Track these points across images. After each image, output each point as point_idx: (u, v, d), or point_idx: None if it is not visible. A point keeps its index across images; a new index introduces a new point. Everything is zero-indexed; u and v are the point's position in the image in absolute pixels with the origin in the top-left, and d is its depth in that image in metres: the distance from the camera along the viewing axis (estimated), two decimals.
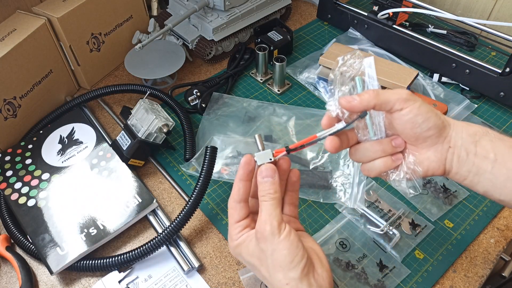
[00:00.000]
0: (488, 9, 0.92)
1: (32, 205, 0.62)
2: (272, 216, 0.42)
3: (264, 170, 0.45)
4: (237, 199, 0.46)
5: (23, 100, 0.72)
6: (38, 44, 0.71)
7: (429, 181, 0.67)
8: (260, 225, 0.42)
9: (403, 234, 0.60)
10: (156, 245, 0.57)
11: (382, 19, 0.86)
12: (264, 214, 0.43)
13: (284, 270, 0.41)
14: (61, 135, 0.72)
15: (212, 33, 0.83)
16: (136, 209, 0.62)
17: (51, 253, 0.57)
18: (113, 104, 0.82)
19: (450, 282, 0.57)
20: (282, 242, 0.41)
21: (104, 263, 0.56)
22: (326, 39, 0.94)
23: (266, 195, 0.44)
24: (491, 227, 0.62)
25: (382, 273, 0.57)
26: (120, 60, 0.88)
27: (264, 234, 0.42)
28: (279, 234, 0.41)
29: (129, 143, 0.67)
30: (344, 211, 0.63)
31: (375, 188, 0.66)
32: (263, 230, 0.42)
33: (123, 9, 0.84)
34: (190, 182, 0.68)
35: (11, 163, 0.67)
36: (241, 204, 0.46)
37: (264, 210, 0.43)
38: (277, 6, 0.92)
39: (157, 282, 0.57)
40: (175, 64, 0.80)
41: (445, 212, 0.63)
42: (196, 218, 0.64)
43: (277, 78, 0.81)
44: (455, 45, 0.90)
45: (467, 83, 0.80)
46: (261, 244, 0.43)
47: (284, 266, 0.41)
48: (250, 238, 0.44)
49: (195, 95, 0.77)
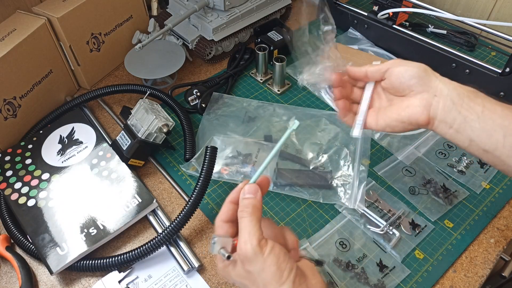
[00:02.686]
0: (488, 9, 0.92)
1: (32, 205, 0.62)
2: (251, 234, 0.41)
3: (246, 189, 0.44)
4: (224, 219, 0.45)
5: (23, 100, 0.72)
6: (38, 44, 0.71)
7: (429, 181, 0.67)
8: (241, 247, 0.41)
9: (403, 234, 0.60)
10: (156, 245, 0.57)
11: (382, 19, 0.86)
12: (243, 233, 0.42)
13: (275, 286, 0.40)
14: (61, 135, 0.72)
15: (212, 33, 0.83)
16: (136, 209, 0.62)
17: (51, 253, 0.57)
18: (113, 104, 0.82)
19: (450, 282, 0.57)
20: (267, 259, 0.40)
21: (104, 263, 0.56)
22: None
23: (244, 211, 0.43)
24: (491, 227, 0.62)
25: (382, 273, 0.57)
26: (120, 60, 0.88)
27: (247, 255, 0.41)
28: (262, 253, 0.40)
29: (129, 143, 0.67)
30: (344, 211, 0.63)
31: (375, 188, 0.66)
32: (245, 251, 0.41)
33: (123, 9, 0.84)
34: (190, 182, 0.68)
35: (11, 163, 0.67)
36: (228, 224, 0.45)
37: (243, 229, 0.42)
38: (277, 6, 0.92)
39: (157, 282, 0.57)
40: (175, 64, 0.80)
41: (445, 212, 0.63)
42: (196, 218, 0.64)
43: (277, 78, 0.81)
44: (455, 45, 0.90)
45: (467, 83, 0.79)
46: (246, 266, 0.42)
47: (274, 282, 0.40)
48: (235, 260, 0.43)
49: (195, 95, 0.77)
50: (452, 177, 0.68)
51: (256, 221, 0.42)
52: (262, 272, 0.41)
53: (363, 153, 0.69)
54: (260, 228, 0.42)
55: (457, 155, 0.71)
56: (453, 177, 0.68)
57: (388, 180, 0.67)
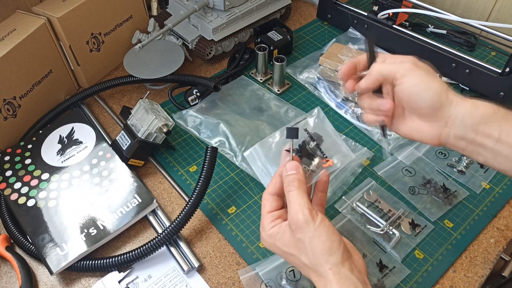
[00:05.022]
0: (488, 9, 0.92)
1: (32, 205, 0.62)
2: (301, 205, 0.43)
3: (288, 166, 0.46)
4: (272, 192, 0.47)
5: (23, 100, 0.72)
6: (38, 44, 0.71)
7: (429, 181, 0.67)
8: (292, 216, 0.43)
9: (403, 234, 0.60)
10: (156, 245, 0.56)
11: (382, 19, 0.86)
12: (293, 204, 0.43)
13: (325, 255, 0.42)
14: (61, 135, 0.72)
15: (212, 33, 0.83)
16: (136, 209, 0.61)
17: (51, 253, 0.57)
18: (113, 104, 0.82)
19: (450, 282, 0.57)
20: (318, 228, 0.42)
21: (104, 263, 0.56)
22: (326, 39, 0.94)
23: (290, 185, 0.44)
24: (491, 227, 0.62)
25: (382, 273, 0.57)
26: (120, 60, 0.88)
27: (298, 223, 0.42)
28: (313, 222, 0.42)
29: (129, 143, 0.67)
30: (344, 211, 0.63)
31: (375, 188, 0.66)
32: (297, 219, 0.42)
33: (123, 9, 0.84)
34: (190, 182, 0.68)
35: (11, 163, 0.67)
36: (275, 197, 0.47)
37: (292, 201, 0.44)
38: (277, 6, 0.92)
39: (157, 282, 0.57)
40: (174, 64, 0.80)
41: (445, 212, 0.63)
42: (196, 218, 0.64)
43: (277, 78, 0.81)
44: (455, 45, 0.90)
45: (467, 83, 0.80)
46: (297, 235, 0.43)
47: (324, 252, 0.42)
48: (284, 229, 0.45)
49: (195, 95, 0.77)
50: (452, 177, 0.68)
51: (304, 193, 0.44)
52: (312, 240, 0.42)
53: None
54: (308, 200, 0.44)
55: (457, 155, 0.71)
56: (453, 177, 0.68)
57: (388, 180, 0.67)
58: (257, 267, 0.57)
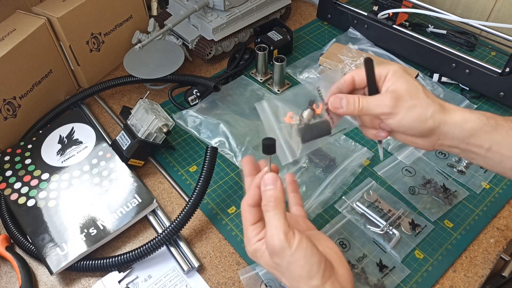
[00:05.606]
0: (488, 9, 0.92)
1: (32, 205, 0.62)
2: (277, 228, 0.41)
3: (266, 179, 0.44)
4: (252, 204, 0.45)
5: (23, 100, 0.72)
6: (38, 44, 0.71)
7: (429, 181, 0.67)
8: (268, 241, 0.41)
9: (403, 234, 0.60)
10: (156, 245, 0.56)
11: (382, 19, 0.86)
12: (269, 227, 0.42)
13: (305, 279, 0.40)
14: (61, 135, 0.72)
15: (212, 33, 0.83)
16: (136, 209, 0.61)
17: (51, 253, 0.57)
18: (113, 104, 0.82)
19: (450, 282, 0.57)
20: (295, 253, 0.40)
21: (104, 263, 0.56)
22: (326, 39, 0.94)
23: (267, 205, 0.43)
24: (491, 227, 0.62)
25: (382, 273, 0.57)
26: (120, 60, 0.88)
27: (274, 249, 0.41)
28: (289, 247, 0.40)
29: (129, 143, 0.67)
30: (344, 211, 0.63)
31: (375, 188, 0.66)
32: (273, 245, 0.41)
33: (123, 9, 0.84)
34: (190, 182, 0.68)
35: (11, 163, 0.67)
36: (256, 208, 0.45)
37: (268, 223, 0.42)
38: (277, 6, 0.92)
39: (157, 282, 0.57)
40: (174, 64, 0.80)
41: (445, 212, 0.63)
42: (196, 218, 0.64)
43: (277, 78, 0.81)
44: (455, 45, 0.90)
45: (467, 83, 0.80)
46: (274, 259, 0.42)
47: (304, 276, 0.40)
48: (263, 249, 0.43)
49: (195, 95, 0.77)
50: (452, 177, 0.68)
51: (281, 213, 0.42)
52: (290, 265, 0.41)
53: None
54: (286, 220, 0.42)
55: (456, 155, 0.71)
56: (453, 177, 0.68)
57: (388, 180, 0.67)
58: (257, 267, 0.57)
